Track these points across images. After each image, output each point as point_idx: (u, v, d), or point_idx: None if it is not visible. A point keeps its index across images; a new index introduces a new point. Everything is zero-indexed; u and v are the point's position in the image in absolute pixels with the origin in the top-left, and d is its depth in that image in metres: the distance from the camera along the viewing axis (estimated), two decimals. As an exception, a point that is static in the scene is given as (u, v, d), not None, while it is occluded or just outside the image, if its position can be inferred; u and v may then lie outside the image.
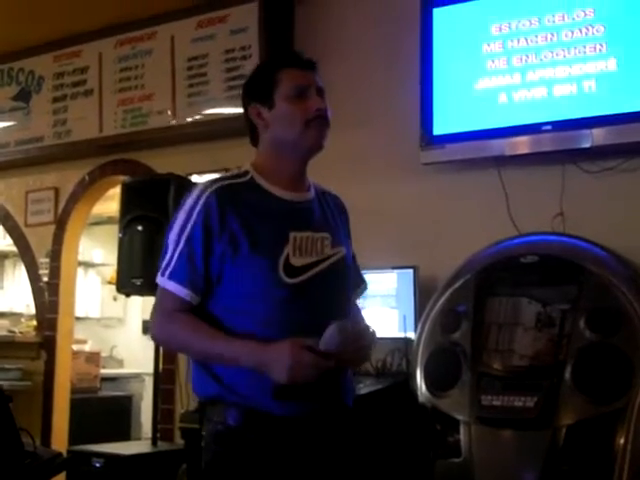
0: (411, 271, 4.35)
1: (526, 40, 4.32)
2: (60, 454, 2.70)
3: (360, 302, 2.71)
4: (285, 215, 2.40)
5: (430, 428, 3.76)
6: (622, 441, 3.29)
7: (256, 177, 2.44)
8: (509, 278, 3.79)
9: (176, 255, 2.32)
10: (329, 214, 2.53)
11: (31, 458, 2.47)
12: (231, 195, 2.36)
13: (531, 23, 4.31)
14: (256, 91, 2.53)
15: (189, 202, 2.35)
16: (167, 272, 2.33)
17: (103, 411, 7.27)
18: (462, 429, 3.59)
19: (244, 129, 5.13)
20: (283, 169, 2.47)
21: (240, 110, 2.88)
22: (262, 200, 2.40)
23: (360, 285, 2.66)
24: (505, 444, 3.37)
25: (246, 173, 2.46)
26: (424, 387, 3.80)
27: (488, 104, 4.39)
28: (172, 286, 2.32)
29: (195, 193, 2.36)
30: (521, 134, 4.27)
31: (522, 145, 4.27)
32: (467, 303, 3.78)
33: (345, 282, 2.47)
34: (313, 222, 2.44)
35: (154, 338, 2.47)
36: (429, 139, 4.50)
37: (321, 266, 2.38)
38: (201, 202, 2.33)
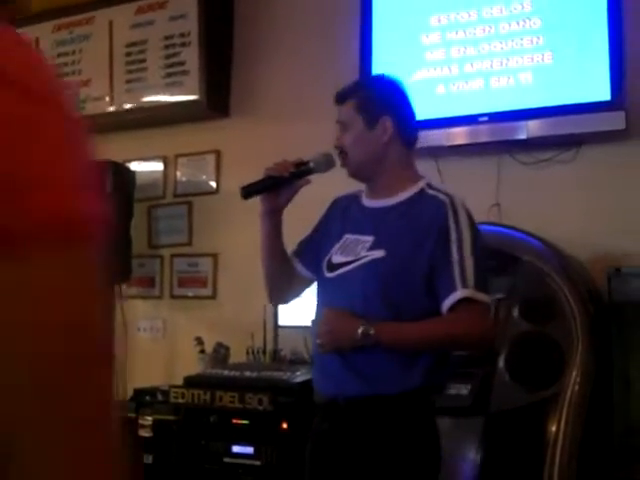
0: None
1: (464, 32, 4.36)
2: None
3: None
4: (354, 219, 2.71)
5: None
6: (554, 428, 3.34)
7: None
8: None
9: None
10: (400, 219, 2.60)
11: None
12: None
13: (470, 15, 4.35)
14: None
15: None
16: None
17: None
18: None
19: (182, 116, 5.15)
20: None
21: (179, 97, 2.90)
22: (355, 208, 2.78)
23: (446, 296, 2.48)
24: (440, 431, 3.40)
25: None
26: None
27: (426, 95, 4.41)
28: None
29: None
30: (458, 125, 4.30)
31: (459, 136, 4.31)
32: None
33: (380, 279, 2.51)
34: (368, 226, 2.63)
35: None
36: (369, 128, 4.51)
37: (352, 265, 2.56)
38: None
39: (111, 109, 5.53)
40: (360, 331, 2.43)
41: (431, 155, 4.37)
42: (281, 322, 4.55)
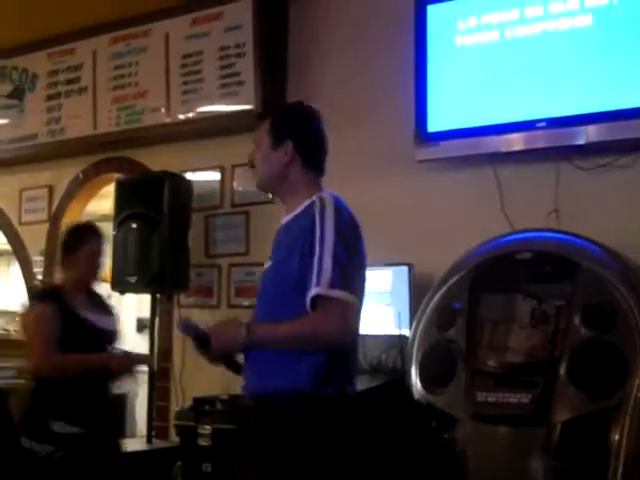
0: (406, 268, 4.36)
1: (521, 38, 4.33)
2: (56, 451, 2.70)
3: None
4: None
5: (425, 425, 3.76)
6: (617, 437, 3.29)
7: None
8: (504, 275, 3.78)
9: None
10: (289, 230, 2.83)
11: (28, 455, 2.47)
12: None
13: (528, 14, 4.32)
14: None
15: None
16: None
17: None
18: (457, 426, 3.58)
19: (237, 126, 5.16)
20: None
21: (234, 107, 3.03)
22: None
23: (307, 294, 2.65)
24: (500, 441, 3.36)
25: None
26: (419, 384, 3.79)
27: (482, 101, 4.39)
28: None
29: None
30: (516, 131, 4.27)
31: (517, 142, 4.27)
32: (462, 300, 3.77)
33: (268, 287, 2.82)
34: (275, 240, 2.90)
35: None
36: (424, 136, 4.51)
37: (260, 278, 2.93)
38: None
39: (168, 120, 5.58)
40: (242, 331, 2.66)
41: (488, 162, 4.35)
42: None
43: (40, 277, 6.45)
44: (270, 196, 3.20)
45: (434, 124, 4.49)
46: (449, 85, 4.51)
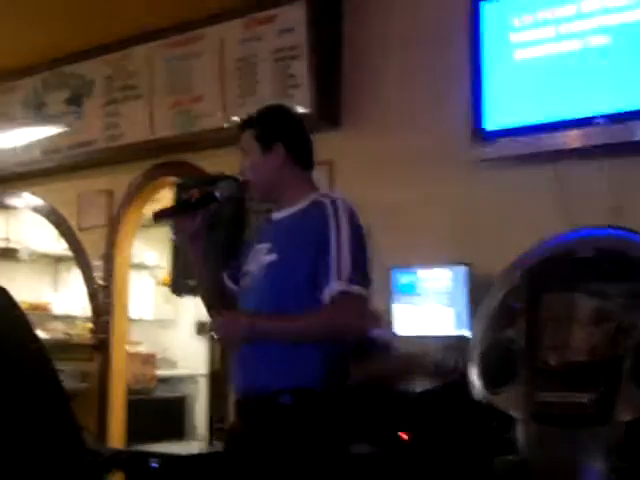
0: (465, 268, 4.33)
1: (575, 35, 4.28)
2: (121, 451, 2.72)
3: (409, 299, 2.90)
4: (262, 231, 3.04)
5: (487, 425, 3.73)
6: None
7: None
8: (564, 273, 3.74)
9: None
10: (291, 226, 2.89)
11: (92, 455, 2.50)
12: None
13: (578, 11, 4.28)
14: None
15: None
16: None
17: (158, 412, 7.32)
18: (518, 426, 3.55)
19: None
20: None
21: None
22: (266, 223, 3.06)
23: (325, 289, 2.74)
24: (563, 441, 3.32)
25: None
26: (480, 384, 3.76)
27: (540, 97, 4.35)
28: None
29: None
30: (574, 127, 4.22)
31: (575, 138, 4.23)
32: (521, 299, 3.73)
33: (272, 280, 2.82)
34: (269, 235, 2.95)
35: None
36: (480, 135, 4.48)
37: (256, 270, 2.89)
38: None
39: (223, 124, 5.60)
40: (246, 324, 2.73)
41: (547, 159, 4.31)
42: (397, 331, 4.52)
43: (100, 282, 6.51)
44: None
45: (491, 122, 4.46)
46: (505, 82, 4.48)
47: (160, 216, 3.09)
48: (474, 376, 3.79)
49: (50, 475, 2.35)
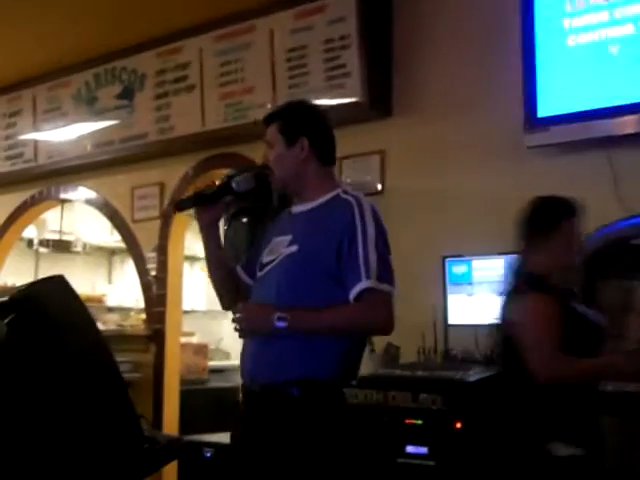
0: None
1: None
2: (179, 439, 2.76)
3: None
4: (281, 224, 3.06)
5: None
6: None
7: None
8: (619, 261, 3.70)
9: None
10: (314, 220, 2.92)
11: (150, 443, 2.53)
12: None
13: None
14: None
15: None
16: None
17: (211, 402, 7.36)
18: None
19: (345, 118, 5.19)
20: None
21: (341, 100, 3.07)
22: (285, 216, 3.09)
23: (352, 286, 2.77)
24: (621, 431, 3.30)
25: None
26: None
27: (594, 83, 4.30)
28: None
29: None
30: (628, 113, 4.17)
31: (630, 124, 4.18)
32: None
33: (294, 272, 2.84)
34: (289, 227, 2.97)
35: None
36: (533, 122, 4.44)
37: (275, 262, 2.90)
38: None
39: (274, 115, 5.60)
40: (276, 316, 2.72)
41: (601, 146, 4.26)
42: (451, 321, 4.51)
43: (153, 273, 6.57)
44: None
45: (544, 109, 4.42)
46: (558, 69, 4.43)
47: (180, 207, 3.18)
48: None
49: (109, 462, 2.38)
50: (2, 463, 2.33)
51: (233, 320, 2.86)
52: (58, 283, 2.46)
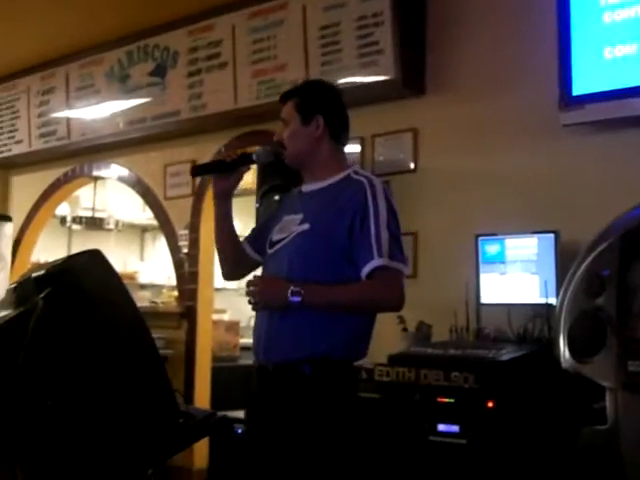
0: (552, 236, 4.28)
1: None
2: (214, 414, 2.77)
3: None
4: (291, 203, 3.07)
5: (574, 395, 3.70)
6: None
7: None
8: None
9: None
10: (325, 199, 2.93)
11: (185, 417, 2.55)
12: None
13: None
14: None
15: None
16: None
17: (242, 379, 7.36)
18: (608, 396, 3.51)
19: (377, 96, 5.15)
20: None
21: (374, 77, 3.05)
22: (295, 195, 3.11)
23: (365, 264, 2.81)
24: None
25: None
26: (567, 353, 3.72)
27: (630, 61, 4.25)
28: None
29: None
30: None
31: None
32: (612, 267, 3.67)
33: (305, 250, 2.87)
34: (300, 206, 2.99)
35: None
36: (568, 100, 4.40)
37: (286, 240, 2.94)
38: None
39: (307, 92, 5.58)
40: (290, 290, 2.75)
41: (637, 124, 4.22)
42: (483, 300, 4.50)
43: (185, 250, 6.60)
44: None
45: (579, 87, 4.37)
46: (593, 46, 4.38)
47: (197, 171, 3.29)
48: (562, 345, 3.75)
49: (145, 435, 2.40)
50: (40, 435, 2.35)
51: (247, 293, 2.88)
52: (94, 257, 2.47)
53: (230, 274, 3.25)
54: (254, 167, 5.45)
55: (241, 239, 3.20)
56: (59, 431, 2.33)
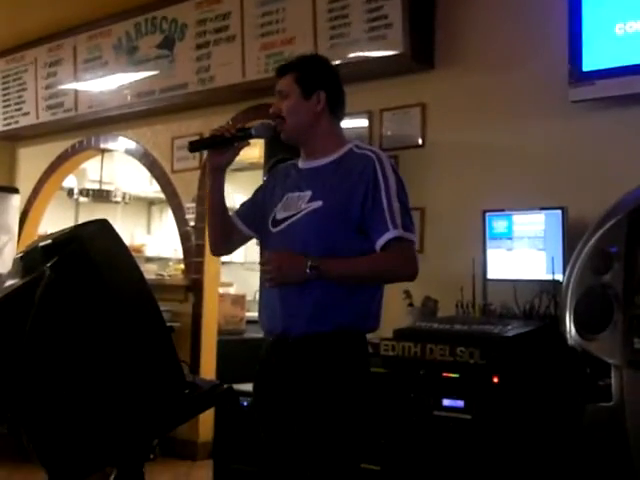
0: (559, 212, 4.26)
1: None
2: (220, 384, 2.77)
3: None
4: (293, 181, 3.01)
5: (580, 371, 3.70)
6: None
7: None
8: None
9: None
10: (333, 174, 2.91)
11: (191, 388, 2.55)
12: None
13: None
14: None
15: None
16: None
17: (247, 352, 7.38)
18: (613, 373, 3.51)
19: (386, 70, 5.12)
20: None
21: (383, 52, 2.95)
22: (293, 172, 3.04)
23: (379, 236, 2.82)
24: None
25: None
26: (573, 330, 3.72)
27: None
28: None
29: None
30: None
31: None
32: (619, 244, 3.67)
33: (317, 226, 2.85)
34: (306, 183, 2.95)
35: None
36: (578, 75, 4.38)
37: (295, 217, 2.90)
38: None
39: (315, 66, 5.56)
40: (308, 264, 2.75)
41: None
42: (490, 275, 4.49)
43: (192, 223, 6.60)
44: None
45: (589, 62, 4.35)
46: (604, 21, 4.35)
47: (195, 146, 3.20)
48: (568, 322, 3.75)
49: (150, 405, 2.40)
50: (47, 404, 2.36)
51: (262, 271, 2.86)
52: (102, 226, 2.46)
53: (218, 248, 3.24)
54: (260, 140, 5.47)
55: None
56: (65, 400, 2.34)
